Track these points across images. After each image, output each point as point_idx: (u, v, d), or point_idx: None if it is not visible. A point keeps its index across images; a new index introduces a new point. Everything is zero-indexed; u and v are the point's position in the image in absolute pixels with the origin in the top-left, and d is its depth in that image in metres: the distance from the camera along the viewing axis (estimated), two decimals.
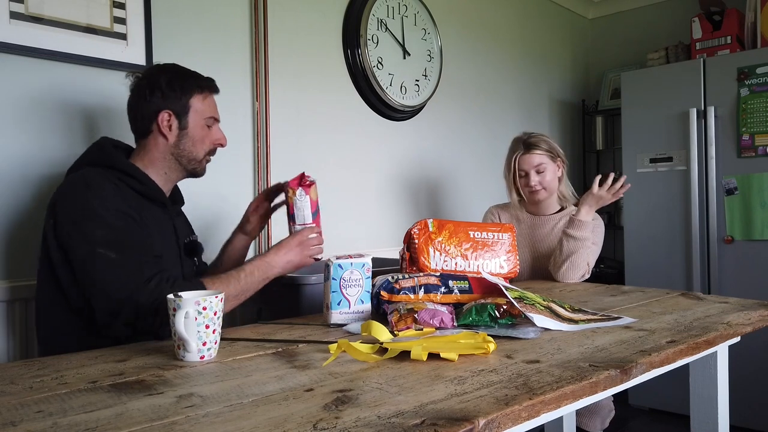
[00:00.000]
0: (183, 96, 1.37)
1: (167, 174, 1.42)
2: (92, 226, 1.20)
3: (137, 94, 1.38)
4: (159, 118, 1.36)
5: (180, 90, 1.37)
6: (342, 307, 1.20)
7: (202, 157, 1.43)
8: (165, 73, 1.38)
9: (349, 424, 0.65)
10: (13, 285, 1.54)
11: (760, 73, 2.62)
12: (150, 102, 1.35)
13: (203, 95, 1.41)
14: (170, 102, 1.36)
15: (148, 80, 1.37)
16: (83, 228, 1.20)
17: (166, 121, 1.36)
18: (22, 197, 1.57)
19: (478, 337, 0.98)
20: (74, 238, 1.21)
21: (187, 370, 0.89)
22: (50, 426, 0.66)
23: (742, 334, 1.19)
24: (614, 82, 3.57)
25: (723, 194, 2.74)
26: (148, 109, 1.36)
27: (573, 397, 0.78)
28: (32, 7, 1.53)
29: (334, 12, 2.35)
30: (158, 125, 1.36)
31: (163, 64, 1.43)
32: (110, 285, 1.17)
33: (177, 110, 1.37)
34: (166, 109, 1.36)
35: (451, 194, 2.87)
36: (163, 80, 1.36)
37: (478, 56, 3.02)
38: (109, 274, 1.18)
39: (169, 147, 1.38)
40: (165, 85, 1.35)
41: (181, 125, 1.38)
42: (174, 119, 1.37)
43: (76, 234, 1.21)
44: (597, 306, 1.39)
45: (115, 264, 1.18)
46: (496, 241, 1.56)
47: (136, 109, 1.38)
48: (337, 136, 2.35)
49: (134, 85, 1.40)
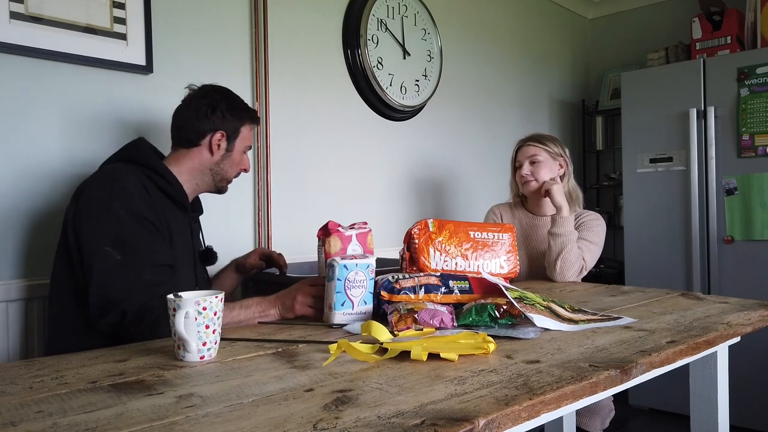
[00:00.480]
0: (237, 122, 1.50)
1: (198, 185, 1.51)
2: (107, 222, 1.26)
3: (195, 109, 1.47)
4: (213, 136, 1.47)
5: (237, 117, 1.50)
6: (346, 307, 1.20)
7: (231, 178, 1.56)
8: (226, 98, 1.51)
9: (349, 425, 0.65)
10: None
11: (760, 73, 2.62)
12: (209, 120, 1.46)
13: (250, 126, 1.55)
14: (227, 125, 1.48)
15: (209, 100, 1.48)
16: (98, 222, 1.26)
17: (217, 141, 1.48)
18: (22, 198, 1.57)
19: (478, 338, 0.98)
20: (87, 230, 1.26)
21: (187, 370, 0.89)
22: (50, 426, 0.66)
23: (742, 335, 1.19)
24: (614, 82, 3.57)
25: (723, 194, 2.74)
26: (205, 125, 1.47)
27: (573, 398, 0.78)
28: (32, 7, 1.53)
29: (334, 12, 2.35)
30: (210, 142, 1.48)
31: (220, 87, 1.54)
32: (106, 284, 1.21)
33: (230, 134, 1.49)
34: (222, 130, 1.48)
35: (451, 194, 2.87)
36: (224, 104, 1.49)
37: (478, 56, 3.02)
38: (108, 274, 1.22)
39: (211, 163, 1.49)
40: (226, 109, 1.48)
41: (228, 147, 1.50)
42: (224, 141, 1.49)
43: (90, 227, 1.26)
44: (597, 306, 1.39)
45: (117, 265, 1.22)
46: (496, 241, 1.56)
47: (190, 121, 1.47)
48: (337, 136, 2.35)
49: (193, 100, 1.49)
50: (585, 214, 2.04)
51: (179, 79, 1.87)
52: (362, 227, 1.32)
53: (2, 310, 1.52)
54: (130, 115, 1.77)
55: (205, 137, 1.47)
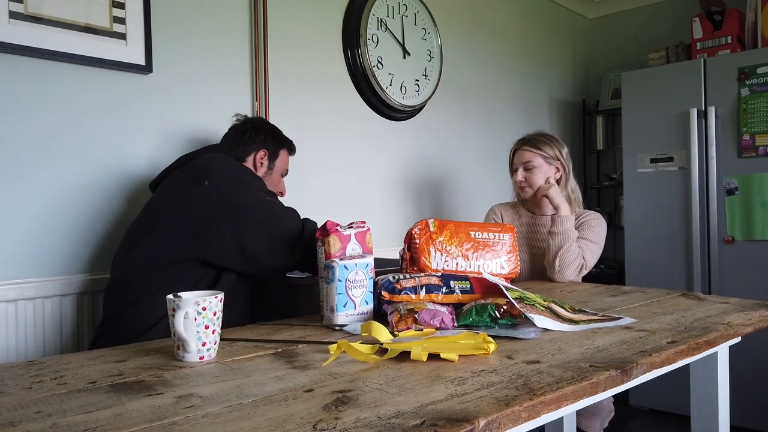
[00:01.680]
0: (278, 145, 1.72)
1: None
2: (254, 181, 1.49)
3: (242, 132, 1.68)
4: (258, 154, 1.68)
5: (278, 141, 1.73)
6: (348, 308, 1.19)
7: None
8: (268, 126, 1.74)
9: (349, 425, 0.64)
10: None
11: (761, 73, 2.62)
12: (254, 140, 1.67)
13: (288, 152, 1.77)
14: (269, 145, 1.70)
15: (254, 125, 1.70)
16: (249, 182, 1.46)
17: (261, 158, 1.68)
18: (22, 198, 1.57)
19: (479, 338, 0.98)
20: (246, 190, 1.43)
21: (187, 371, 0.89)
22: (50, 426, 0.66)
23: (742, 335, 1.19)
24: (614, 82, 3.57)
25: (723, 194, 2.74)
26: (251, 144, 1.67)
27: (573, 398, 0.78)
28: (32, 7, 1.53)
29: (334, 12, 2.35)
30: (255, 159, 1.68)
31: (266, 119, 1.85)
32: (290, 221, 1.42)
33: (271, 153, 1.70)
34: (265, 149, 1.69)
35: (452, 194, 2.87)
36: (268, 128, 1.71)
37: (478, 56, 3.01)
38: (284, 214, 1.44)
39: None
40: (268, 132, 1.70)
41: (269, 165, 1.70)
42: (267, 159, 1.69)
43: (245, 186, 1.44)
44: (597, 306, 1.39)
45: (283, 208, 1.46)
46: (497, 241, 1.56)
47: (238, 141, 1.67)
48: (337, 135, 2.35)
49: (241, 125, 1.70)
50: (585, 214, 2.03)
51: (179, 79, 1.88)
52: (360, 226, 1.32)
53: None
54: (130, 114, 1.77)
55: (251, 155, 1.67)
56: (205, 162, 1.47)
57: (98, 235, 1.70)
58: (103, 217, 1.71)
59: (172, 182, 1.49)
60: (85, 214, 1.68)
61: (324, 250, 1.27)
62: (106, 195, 1.72)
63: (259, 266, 1.42)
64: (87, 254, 1.68)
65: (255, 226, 1.38)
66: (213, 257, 1.39)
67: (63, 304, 1.62)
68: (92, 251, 1.69)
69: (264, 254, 1.39)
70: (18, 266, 1.56)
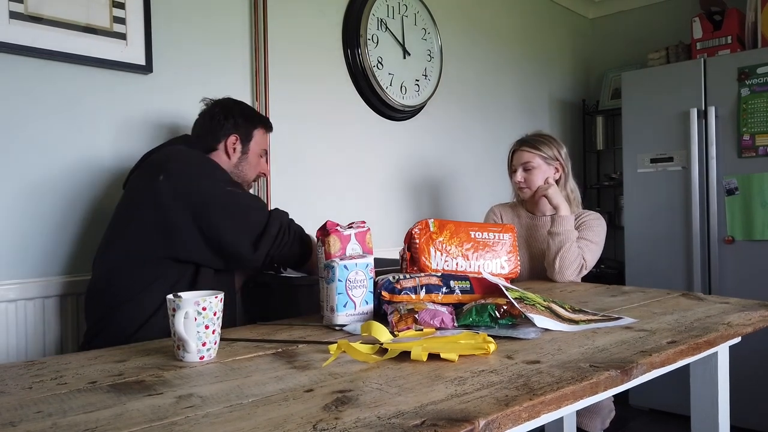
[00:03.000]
0: (250, 126, 1.62)
1: None
2: (215, 171, 1.43)
3: (210, 117, 1.60)
4: (228, 140, 1.59)
5: (249, 121, 1.62)
6: (348, 308, 1.19)
7: (250, 181, 1.66)
8: (238, 105, 1.64)
9: (349, 425, 0.64)
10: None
11: (761, 73, 2.62)
12: (223, 125, 1.58)
13: (263, 131, 1.66)
14: (240, 129, 1.60)
15: (223, 107, 1.61)
16: (208, 173, 1.41)
17: (232, 144, 1.59)
18: (23, 198, 1.57)
19: (479, 338, 0.98)
20: (203, 182, 1.38)
21: (187, 371, 0.89)
22: (50, 426, 0.66)
23: (742, 335, 1.19)
24: (615, 82, 3.57)
25: (723, 194, 2.73)
26: (220, 130, 1.58)
27: (573, 398, 0.78)
28: (32, 7, 1.53)
29: (334, 12, 2.35)
30: (226, 145, 1.59)
31: (235, 99, 1.66)
32: (255, 212, 1.39)
33: (243, 137, 1.61)
34: (236, 134, 1.59)
35: (452, 194, 2.87)
36: (237, 110, 1.61)
37: (478, 56, 3.01)
38: (248, 204, 1.40)
39: (230, 166, 1.59)
40: (238, 114, 1.60)
41: (243, 150, 1.61)
42: (239, 143, 1.60)
43: (204, 178, 1.39)
44: (597, 306, 1.39)
45: (248, 197, 1.42)
46: (497, 241, 1.56)
47: (207, 128, 1.59)
48: (337, 135, 2.35)
49: (208, 110, 1.62)
50: (585, 214, 2.03)
51: (179, 78, 1.88)
52: (360, 226, 1.32)
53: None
54: (130, 114, 1.77)
55: (221, 141, 1.58)
56: (161, 156, 1.44)
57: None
58: (106, 217, 1.71)
59: (135, 179, 1.46)
60: (85, 215, 1.68)
61: (324, 250, 1.27)
62: (106, 195, 1.72)
63: (227, 260, 1.40)
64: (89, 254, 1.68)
65: (216, 217, 1.35)
66: (182, 253, 1.37)
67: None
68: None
69: (229, 246, 1.37)
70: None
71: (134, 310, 1.35)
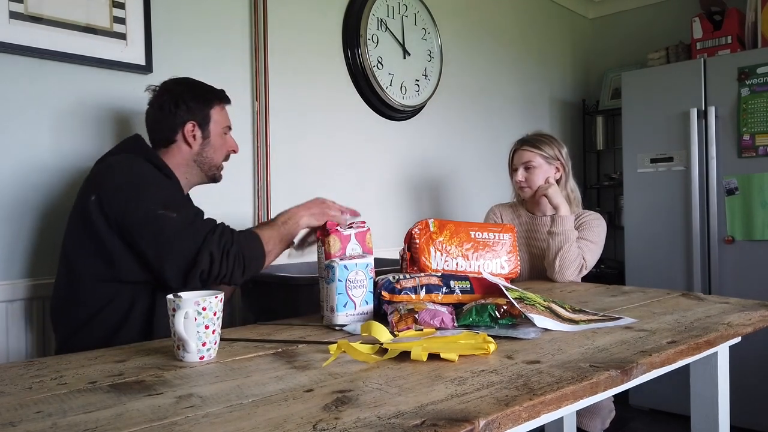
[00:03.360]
0: (205, 107, 1.48)
1: (188, 179, 1.51)
2: (147, 191, 1.29)
3: (160, 107, 1.46)
4: (185, 128, 1.46)
5: (202, 102, 1.48)
6: (348, 308, 1.19)
7: (219, 163, 1.54)
8: (187, 87, 1.49)
9: (349, 425, 0.64)
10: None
11: (761, 73, 2.62)
12: (176, 114, 1.45)
13: (220, 107, 1.53)
14: (194, 113, 1.47)
15: (171, 94, 1.46)
16: (138, 194, 1.28)
17: (190, 132, 1.47)
18: (21, 198, 1.57)
19: (479, 338, 0.98)
20: (131, 205, 1.26)
21: (187, 371, 0.89)
22: (50, 426, 0.66)
23: (742, 335, 1.19)
24: (615, 82, 3.57)
25: (723, 194, 2.73)
26: (174, 120, 1.45)
27: (573, 398, 0.78)
28: (32, 7, 1.53)
29: (334, 11, 2.35)
30: (184, 135, 1.46)
31: (179, 78, 1.52)
32: (181, 242, 1.24)
33: (199, 121, 1.48)
34: (191, 120, 1.46)
35: (452, 194, 2.87)
36: (186, 94, 1.46)
37: (478, 56, 3.01)
38: (177, 233, 1.25)
39: (193, 155, 1.49)
40: (189, 98, 1.46)
41: (204, 134, 1.49)
42: (198, 129, 1.48)
43: (132, 200, 1.27)
44: (597, 306, 1.39)
45: (179, 223, 1.26)
46: (497, 241, 1.56)
47: (160, 120, 1.47)
48: (337, 135, 2.35)
49: (156, 99, 1.48)
50: (585, 214, 2.04)
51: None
52: (360, 226, 1.32)
53: (2, 310, 1.52)
54: (130, 114, 1.77)
55: (178, 132, 1.46)
56: (101, 170, 1.36)
57: None
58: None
59: (79, 193, 1.37)
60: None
61: (324, 250, 1.27)
62: None
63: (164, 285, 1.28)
64: None
65: (143, 245, 1.25)
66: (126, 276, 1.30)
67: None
68: None
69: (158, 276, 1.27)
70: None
71: (98, 329, 1.29)
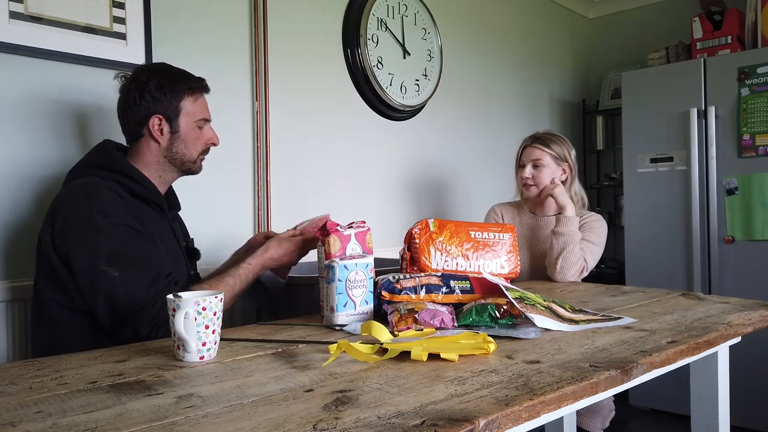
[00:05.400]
0: (173, 99, 1.34)
1: (162, 176, 1.41)
2: (94, 240, 1.19)
3: (126, 98, 1.34)
4: (150, 122, 1.33)
5: (170, 93, 1.33)
6: (348, 308, 1.19)
7: (195, 158, 1.42)
8: (154, 76, 1.34)
9: (349, 425, 0.64)
10: (12, 285, 1.53)
11: (761, 72, 2.62)
12: (140, 106, 1.32)
13: (194, 97, 1.38)
14: (161, 106, 1.33)
15: (137, 83, 1.33)
16: (85, 242, 1.19)
17: (157, 126, 1.34)
18: (21, 198, 1.57)
19: (479, 338, 0.98)
20: (76, 251, 1.19)
21: (187, 371, 0.89)
22: (50, 426, 0.66)
23: (742, 335, 1.19)
24: (614, 82, 3.57)
25: (723, 194, 2.73)
26: (138, 113, 1.33)
27: (573, 398, 0.78)
28: (32, 7, 1.53)
29: (334, 12, 2.35)
30: (149, 130, 1.34)
31: (152, 65, 1.40)
32: (113, 302, 1.19)
33: (168, 114, 1.34)
34: (157, 114, 1.33)
35: (452, 194, 2.87)
36: (152, 83, 1.32)
37: (478, 56, 3.01)
38: (112, 293, 1.18)
39: (162, 150, 1.37)
40: (155, 89, 1.32)
41: (172, 129, 1.35)
42: (165, 123, 1.34)
43: (78, 247, 1.19)
44: (597, 306, 1.39)
45: (117, 282, 1.18)
46: (497, 241, 1.56)
47: (126, 113, 1.35)
48: (337, 136, 2.35)
49: (123, 88, 1.36)
50: (587, 215, 2.04)
51: None
52: (360, 226, 1.32)
53: None
54: None
55: (144, 126, 1.33)
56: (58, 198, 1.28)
57: None
58: None
59: (46, 214, 1.30)
60: None
61: (324, 250, 1.27)
62: None
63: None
64: None
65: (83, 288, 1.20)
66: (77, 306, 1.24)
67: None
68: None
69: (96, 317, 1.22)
70: None
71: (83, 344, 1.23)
